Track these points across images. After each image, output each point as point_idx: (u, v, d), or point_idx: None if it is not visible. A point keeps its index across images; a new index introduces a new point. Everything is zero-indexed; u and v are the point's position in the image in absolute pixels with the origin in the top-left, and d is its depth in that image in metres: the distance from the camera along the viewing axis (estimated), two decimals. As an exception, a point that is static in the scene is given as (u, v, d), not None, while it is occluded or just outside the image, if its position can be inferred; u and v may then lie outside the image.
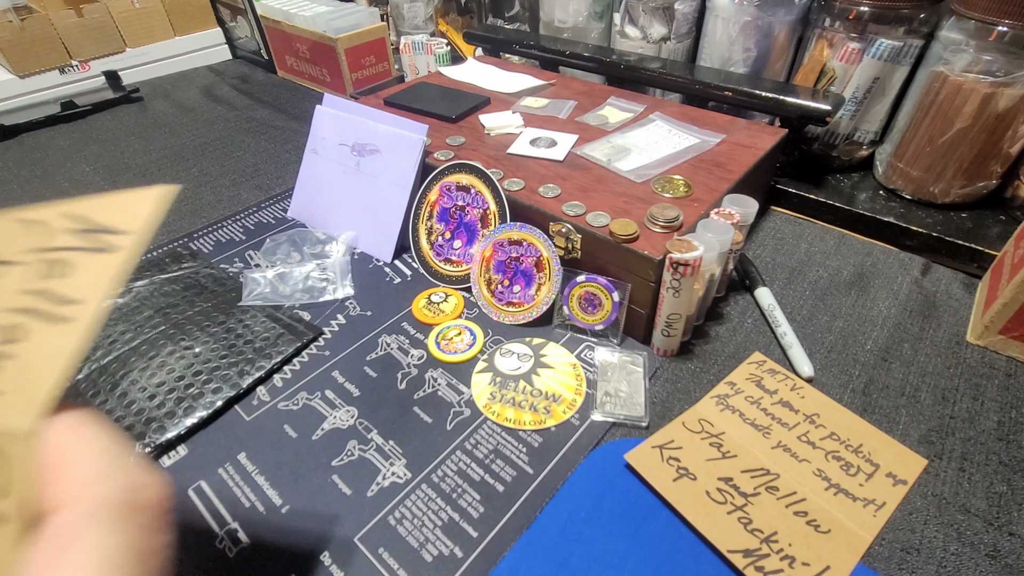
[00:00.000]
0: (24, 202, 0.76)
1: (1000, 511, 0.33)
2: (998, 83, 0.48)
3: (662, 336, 0.42)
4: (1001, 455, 0.35)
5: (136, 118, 0.86)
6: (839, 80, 0.58)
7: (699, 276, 0.38)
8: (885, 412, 0.38)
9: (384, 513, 0.33)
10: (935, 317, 0.45)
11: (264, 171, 0.70)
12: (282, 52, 0.96)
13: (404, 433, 0.38)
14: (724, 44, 0.64)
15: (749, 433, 0.37)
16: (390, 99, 0.63)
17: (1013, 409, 0.38)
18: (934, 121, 0.53)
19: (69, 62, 0.95)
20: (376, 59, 0.89)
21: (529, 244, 0.45)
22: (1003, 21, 0.47)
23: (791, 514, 0.32)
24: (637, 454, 0.35)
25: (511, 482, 0.35)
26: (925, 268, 0.51)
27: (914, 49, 0.55)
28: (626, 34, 0.72)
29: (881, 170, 0.61)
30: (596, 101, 0.63)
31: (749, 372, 0.41)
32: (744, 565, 0.29)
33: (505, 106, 0.62)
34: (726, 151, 0.52)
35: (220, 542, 0.32)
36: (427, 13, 0.98)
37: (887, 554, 0.31)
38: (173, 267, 0.52)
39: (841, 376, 0.41)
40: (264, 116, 0.85)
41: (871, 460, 0.35)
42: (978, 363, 0.42)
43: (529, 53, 0.77)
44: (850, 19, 0.55)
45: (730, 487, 0.33)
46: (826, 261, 0.52)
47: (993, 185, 0.55)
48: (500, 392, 0.40)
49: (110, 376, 0.41)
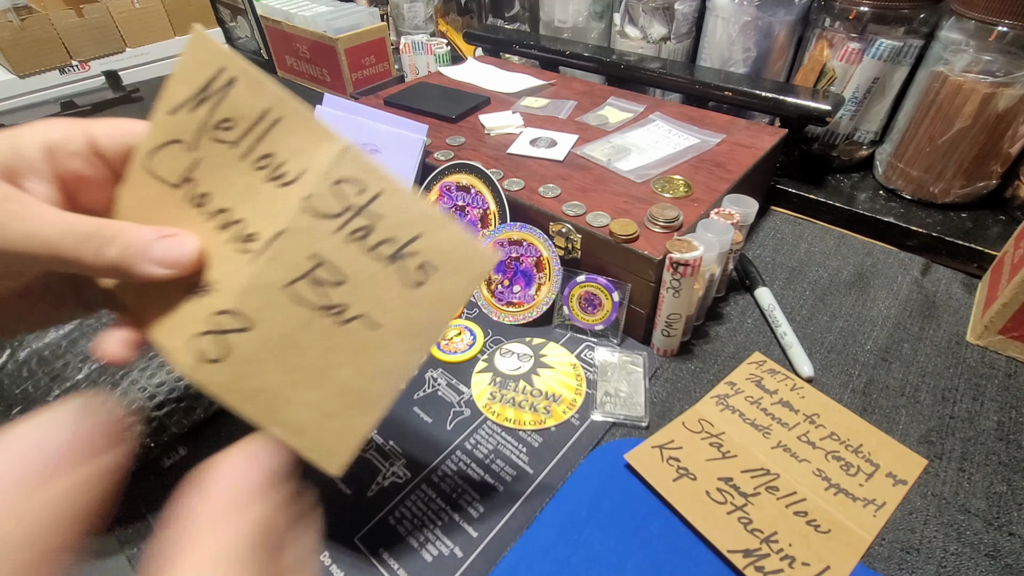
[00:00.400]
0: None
1: (1000, 511, 0.33)
2: (998, 83, 0.48)
3: (662, 336, 0.42)
4: (1001, 455, 0.35)
5: (136, 118, 0.86)
6: (839, 80, 0.58)
7: (699, 276, 0.38)
8: (885, 412, 0.38)
9: (384, 513, 0.33)
10: (935, 317, 0.45)
11: (264, 171, 0.70)
12: (282, 52, 0.96)
13: (404, 433, 0.37)
14: (724, 44, 0.64)
15: (749, 433, 0.37)
16: (390, 99, 0.63)
17: (1013, 409, 0.38)
18: (934, 121, 0.53)
19: (69, 62, 0.95)
20: (376, 59, 0.89)
21: (529, 244, 0.45)
22: (1003, 21, 0.47)
23: (791, 514, 0.32)
24: (637, 454, 0.35)
25: (511, 482, 0.35)
26: (925, 268, 0.51)
27: (914, 49, 0.55)
28: (626, 34, 0.72)
29: (881, 170, 0.61)
30: (596, 101, 0.63)
31: (749, 372, 0.41)
32: (744, 565, 0.29)
33: (505, 106, 0.62)
34: (726, 151, 0.52)
35: (220, 542, 0.32)
36: (427, 13, 0.98)
37: (887, 554, 0.31)
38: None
39: (841, 376, 0.41)
40: (264, 116, 0.85)
41: (871, 460, 0.35)
42: (978, 363, 0.42)
43: (529, 53, 0.77)
44: (850, 19, 0.55)
45: (730, 487, 0.33)
46: (826, 261, 0.52)
47: (993, 185, 0.55)
48: (500, 392, 0.40)
49: (110, 376, 0.41)
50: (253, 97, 0.22)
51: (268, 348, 0.22)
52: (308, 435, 0.23)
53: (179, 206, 0.23)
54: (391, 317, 0.22)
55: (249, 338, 0.22)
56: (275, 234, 0.22)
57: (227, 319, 0.22)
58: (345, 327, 0.22)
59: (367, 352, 0.22)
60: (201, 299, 0.23)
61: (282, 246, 0.22)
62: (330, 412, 0.23)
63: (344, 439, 0.23)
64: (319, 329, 0.22)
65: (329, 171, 0.21)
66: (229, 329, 0.22)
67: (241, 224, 0.23)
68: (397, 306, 0.22)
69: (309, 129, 0.22)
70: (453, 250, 0.22)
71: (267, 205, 0.22)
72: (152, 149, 0.23)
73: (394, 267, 0.22)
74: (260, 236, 0.22)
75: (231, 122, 0.22)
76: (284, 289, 0.22)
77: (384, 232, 0.22)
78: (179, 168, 0.23)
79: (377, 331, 0.22)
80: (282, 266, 0.22)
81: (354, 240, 0.22)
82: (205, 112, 0.22)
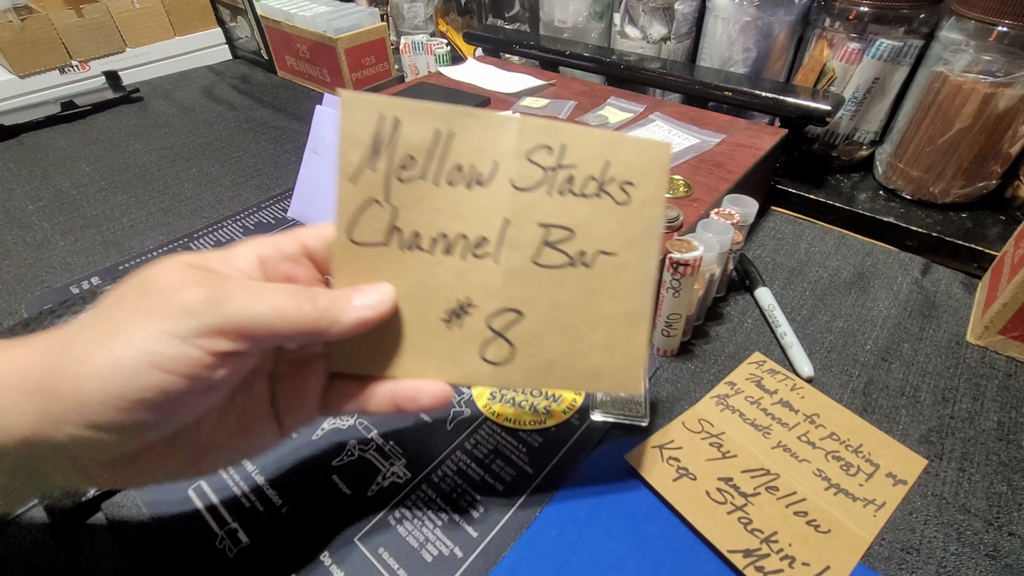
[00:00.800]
0: (24, 202, 0.75)
1: (1000, 511, 0.33)
2: (998, 83, 0.48)
3: (662, 336, 0.42)
4: (1001, 455, 0.35)
5: (136, 118, 0.86)
6: (839, 80, 0.58)
7: (699, 276, 0.38)
8: (885, 412, 0.38)
9: (384, 513, 0.33)
10: (935, 317, 0.45)
11: (264, 171, 0.70)
12: (282, 52, 0.96)
13: (404, 433, 0.37)
14: (724, 44, 0.64)
15: (749, 433, 0.37)
16: (390, 99, 0.63)
17: (1013, 409, 0.38)
18: (934, 121, 0.53)
19: (69, 62, 0.95)
20: (376, 59, 0.89)
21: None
22: (1003, 21, 0.47)
23: (791, 514, 0.32)
24: (637, 454, 0.35)
25: (511, 482, 0.35)
26: (925, 268, 0.51)
27: (914, 49, 0.55)
28: (626, 34, 0.72)
29: (881, 170, 0.61)
30: (596, 101, 0.63)
31: (749, 372, 0.41)
32: (744, 565, 0.29)
33: (505, 106, 0.62)
34: (726, 151, 0.52)
35: (220, 542, 0.32)
36: (427, 13, 0.98)
37: (887, 554, 0.31)
38: (173, 267, 0.52)
39: (841, 376, 0.41)
40: (264, 116, 0.85)
41: (871, 460, 0.35)
42: (978, 363, 0.42)
43: (529, 53, 0.77)
44: (850, 19, 0.55)
45: (730, 487, 0.33)
46: (826, 261, 0.52)
47: (993, 185, 0.55)
48: (500, 392, 0.40)
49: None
50: (422, 126, 0.23)
51: (543, 321, 0.25)
52: (605, 375, 0.26)
53: (395, 260, 0.24)
54: (620, 239, 0.25)
55: (524, 323, 0.25)
56: (502, 225, 0.24)
57: (499, 319, 0.25)
58: (591, 268, 0.25)
59: (615, 278, 0.25)
60: (465, 320, 0.25)
61: (514, 231, 0.24)
62: (611, 344, 0.26)
63: (632, 360, 0.26)
64: (574, 281, 0.25)
65: (518, 149, 0.24)
66: (506, 326, 0.25)
67: (465, 239, 0.24)
68: (619, 227, 0.25)
69: (481, 126, 0.23)
70: (637, 158, 0.25)
71: (478, 208, 0.24)
72: (348, 224, 0.24)
73: (603, 198, 0.25)
74: (489, 236, 0.24)
75: (412, 158, 0.23)
76: (533, 265, 0.25)
77: (583, 174, 0.24)
78: (381, 225, 0.24)
79: (615, 256, 0.25)
80: (522, 246, 0.25)
81: (564, 194, 0.24)
82: (385, 163, 0.23)
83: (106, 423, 0.18)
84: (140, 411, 0.19)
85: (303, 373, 0.25)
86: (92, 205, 0.64)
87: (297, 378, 0.25)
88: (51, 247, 0.57)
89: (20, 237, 0.59)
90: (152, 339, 0.19)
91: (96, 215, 0.62)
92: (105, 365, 0.18)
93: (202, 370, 0.19)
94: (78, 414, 0.18)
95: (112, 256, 0.56)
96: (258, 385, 0.25)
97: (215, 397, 0.21)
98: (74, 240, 0.58)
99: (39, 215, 0.63)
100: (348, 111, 0.23)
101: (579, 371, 0.26)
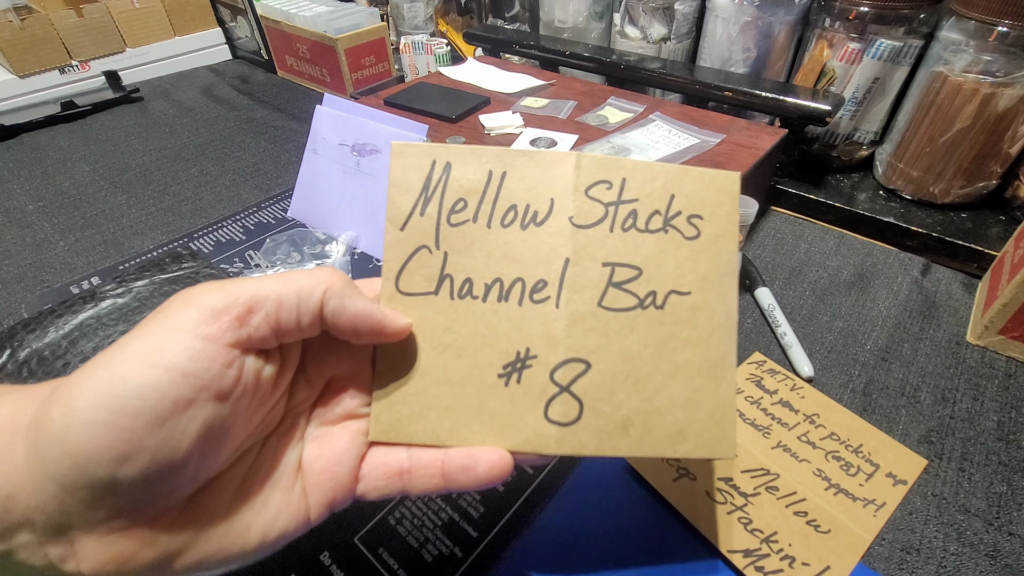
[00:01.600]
0: (24, 202, 0.75)
1: (1000, 511, 0.33)
2: (998, 83, 0.48)
3: (662, 336, 0.42)
4: (1001, 455, 0.35)
5: (136, 118, 0.86)
6: (839, 80, 0.58)
7: (699, 276, 0.38)
8: (885, 412, 0.38)
9: (384, 513, 0.33)
10: (935, 317, 0.45)
11: (264, 171, 0.70)
12: (282, 52, 0.96)
13: (404, 433, 0.37)
14: (724, 44, 0.64)
15: (749, 433, 0.37)
16: (390, 99, 0.63)
17: (1013, 409, 0.38)
18: (934, 121, 0.53)
19: (69, 62, 0.95)
20: (376, 59, 0.89)
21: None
22: (1003, 21, 0.47)
23: (791, 514, 0.32)
24: (637, 454, 0.35)
25: (511, 482, 0.34)
26: (925, 268, 0.51)
27: (914, 49, 0.55)
28: (626, 34, 0.72)
29: (881, 170, 0.61)
30: (596, 101, 0.63)
31: (749, 372, 0.41)
32: (744, 565, 0.29)
33: (505, 106, 0.62)
34: (726, 151, 0.52)
35: (220, 542, 0.32)
36: (427, 13, 0.98)
37: (887, 554, 0.31)
38: (173, 267, 0.52)
39: (841, 376, 0.41)
40: (264, 116, 0.85)
41: (871, 460, 0.35)
42: (978, 363, 0.42)
43: (529, 53, 0.77)
44: (850, 19, 0.55)
45: (730, 487, 0.33)
46: (826, 261, 0.52)
47: (993, 185, 0.55)
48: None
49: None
50: (473, 169, 0.22)
51: (612, 373, 0.22)
52: (690, 436, 0.23)
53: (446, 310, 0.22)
54: (692, 276, 0.23)
55: (592, 375, 0.22)
56: (563, 266, 0.22)
57: (563, 371, 0.22)
58: (663, 310, 0.23)
59: (691, 320, 0.23)
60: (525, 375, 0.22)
61: (575, 272, 0.22)
62: (694, 400, 0.23)
63: (720, 418, 0.23)
64: (645, 326, 0.23)
65: (576, 185, 0.23)
66: (571, 379, 0.22)
67: (522, 283, 0.22)
68: (691, 264, 0.23)
69: (534, 165, 0.23)
70: (703, 189, 0.23)
71: (535, 249, 0.22)
72: (396, 273, 0.22)
73: (670, 233, 0.23)
74: (548, 278, 0.22)
75: (463, 201, 0.22)
76: (599, 308, 0.22)
77: (647, 209, 0.23)
78: (431, 273, 0.22)
79: (689, 296, 0.23)
80: (586, 288, 0.22)
81: (628, 230, 0.23)
82: (435, 207, 0.22)
83: (98, 451, 0.16)
84: (139, 430, 0.16)
85: (334, 434, 0.22)
86: (92, 205, 0.64)
87: (328, 440, 0.22)
88: (51, 247, 0.57)
89: (20, 237, 0.59)
90: (151, 339, 0.17)
91: (96, 215, 0.62)
92: (100, 379, 0.16)
93: (208, 363, 0.17)
94: (66, 443, 0.16)
95: (112, 256, 0.56)
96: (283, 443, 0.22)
97: (228, 420, 0.18)
98: (74, 240, 0.58)
99: (39, 215, 0.63)
100: (399, 159, 0.22)
101: (659, 432, 0.22)
